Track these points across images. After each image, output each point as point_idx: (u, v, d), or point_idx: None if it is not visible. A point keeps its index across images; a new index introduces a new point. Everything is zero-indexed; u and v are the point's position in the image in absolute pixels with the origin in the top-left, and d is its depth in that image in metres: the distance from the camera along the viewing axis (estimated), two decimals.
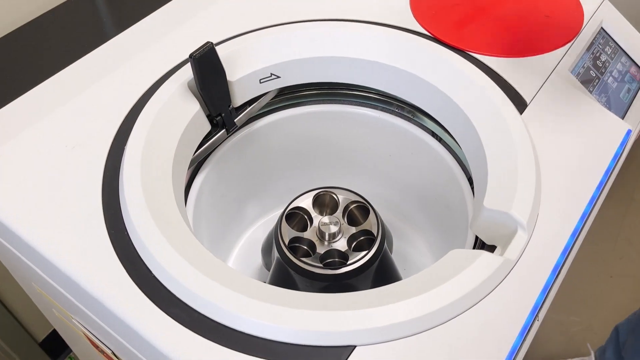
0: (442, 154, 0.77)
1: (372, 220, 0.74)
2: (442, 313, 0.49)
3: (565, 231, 0.56)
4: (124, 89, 0.69)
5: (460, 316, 0.49)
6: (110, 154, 0.62)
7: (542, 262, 0.54)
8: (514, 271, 0.52)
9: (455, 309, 0.49)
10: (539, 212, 0.57)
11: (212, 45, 0.65)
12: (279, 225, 0.74)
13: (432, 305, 0.48)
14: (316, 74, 0.76)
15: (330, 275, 0.69)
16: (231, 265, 0.89)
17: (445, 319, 0.49)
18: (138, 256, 0.53)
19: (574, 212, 0.57)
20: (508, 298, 0.51)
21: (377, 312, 0.48)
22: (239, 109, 0.74)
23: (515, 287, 0.52)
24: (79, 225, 0.55)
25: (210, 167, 0.76)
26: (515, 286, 0.52)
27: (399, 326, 0.48)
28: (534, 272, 0.53)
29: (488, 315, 0.50)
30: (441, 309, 0.48)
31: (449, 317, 0.49)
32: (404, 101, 0.79)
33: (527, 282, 0.52)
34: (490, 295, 0.51)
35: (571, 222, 0.56)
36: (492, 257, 0.52)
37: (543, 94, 0.68)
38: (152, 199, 0.57)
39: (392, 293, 0.50)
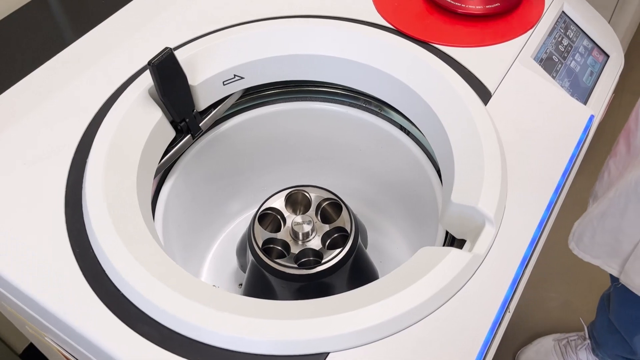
0: (411, 147, 0.77)
1: (345, 217, 0.74)
2: (413, 313, 0.49)
3: (532, 222, 0.56)
4: (83, 100, 0.67)
5: (432, 315, 0.50)
6: (72, 168, 0.61)
7: (510, 255, 0.54)
8: (483, 266, 0.53)
9: (426, 308, 0.49)
10: (505, 204, 0.57)
11: (171, 51, 0.63)
12: (252, 227, 0.74)
13: (403, 306, 0.48)
14: (281, 73, 0.75)
15: (304, 275, 0.69)
16: (206, 269, 0.88)
17: (417, 319, 0.49)
18: (105, 274, 0.52)
19: (540, 203, 0.58)
20: (478, 293, 0.51)
21: (348, 317, 0.48)
22: (204, 113, 0.73)
23: (485, 282, 0.52)
24: (42, 245, 0.54)
25: (177, 174, 0.75)
26: (485, 281, 0.52)
27: (371, 329, 0.48)
28: (502, 265, 0.53)
29: (459, 311, 0.50)
30: (412, 309, 0.49)
31: (421, 317, 0.49)
32: (370, 95, 0.78)
33: (497, 276, 0.53)
34: (460, 291, 0.51)
35: (538, 213, 0.57)
36: (460, 254, 0.52)
37: (506, 82, 0.68)
38: (116, 213, 0.56)
39: (363, 296, 0.50)
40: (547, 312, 1.35)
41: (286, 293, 0.73)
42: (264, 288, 0.74)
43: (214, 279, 0.86)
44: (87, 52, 0.74)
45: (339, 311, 0.48)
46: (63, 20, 0.83)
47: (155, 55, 0.62)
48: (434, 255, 0.53)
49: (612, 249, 0.80)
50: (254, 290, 0.76)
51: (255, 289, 0.76)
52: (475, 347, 0.49)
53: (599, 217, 0.79)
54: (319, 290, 0.72)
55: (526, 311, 1.34)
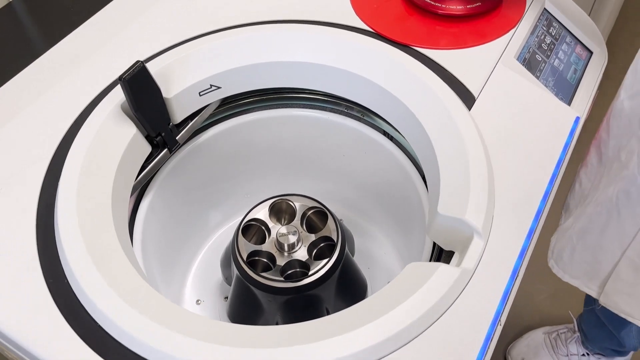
0: (395, 152, 0.75)
1: (331, 225, 0.72)
2: (405, 333, 0.47)
3: (521, 232, 0.55)
4: (52, 118, 0.64)
5: (424, 333, 0.48)
6: (43, 192, 0.58)
7: (500, 267, 0.53)
8: (473, 280, 0.52)
9: (418, 327, 0.48)
10: (493, 214, 0.56)
11: (143, 64, 0.61)
12: (236, 239, 0.72)
13: (395, 327, 0.47)
14: (258, 81, 0.72)
15: (291, 288, 0.68)
16: (190, 283, 0.86)
17: (410, 338, 0.48)
18: (80, 305, 0.50)
19: (529, 211, 0.56)
20: (469, 309, 0.50)
21: (340, 341, 0.46)
22: (180, 125, 0.71)
23: (475, 297, 0.51)
24: (13, 277, 0.52)
25: (155, 190, 0.73)
26: (476, 295, 0.51)
27: (364, 352, 0.46)
28: (492, 278, 0.52)
29: (451, 329, 0.49)
30: (404, 329, 0.47)
31: (413, 336, 0.48)
32: (352, 101, 0.76)
33: (487, 290, 0.51)
34: (451, 307, 0.50)
35: (526, 222, 0.56)
36: (449, 269, 0.51)
37: (490, 85, 0.66)
38: (91, 239, 0.53)
39: (353, 317, 0.49)
40: (536, 305, 1.35)
41: (273, 306, 0.71)
42: (250, 302, 0.72)
43: (199, 293, 0.84)
44: (56, 65, 0.71)
45: (329, 335, 0.47)
46: (32, 31, 0.80)
47: (126, 69, 0.59)
48: (422, 271, 0.51)
49: (592, 268, 0.78)
50: (240, 304, 0.74)
51: (241, 303, 0.74)
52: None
53: (579, 233, 0.78)
54: (307, 303, 0.70)
55: (515, 305, 1.33)
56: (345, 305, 0.77)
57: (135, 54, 0.70)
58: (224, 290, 0.85)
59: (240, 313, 0.75)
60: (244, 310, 0.74)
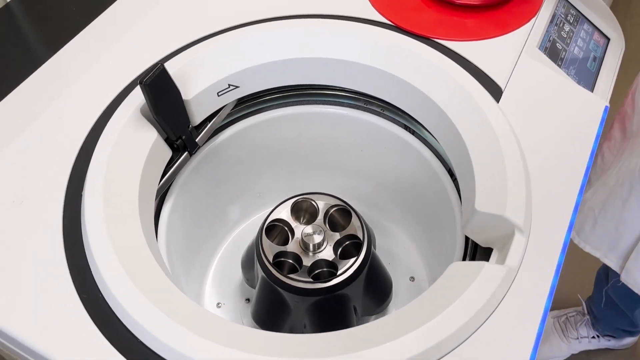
0: (417, 146, 0.74)
1: (356, 223, 0.71)
2: (455, 337, 0.47)
3: (562, 226, 0.54)
4: (68, 126, 0.62)
5: (473, 336, 0.47)
6: (67, 204, 0.56)
7: (544, 263, 0.52)
8: (518, 277, 0.51)
9: (468, 330, 0.47)
10: (532, 209, 0.55)
11: (163, 67, 0.59)
12: (260, 241, 0.70)
13: (444, 331, 0.46)
14: (276, 78, 0.71)
15: (322, 288, 0.66)
16: (209, 285, 0.85)
17: (459, 342, 0.47)
18: (119, 321, 0.48)
19: (567, 204, 0.56)
20: (517, 307, 0.49)
21: (392, 347, 0.45)
22: (199, 127, 0.69)
23: (522, 294, 0.50)
24: (45, 295, 0.50)
25: (175, 194, 0.71)
26: (522, 293, 0.50)
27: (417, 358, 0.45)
28: (538, 274, 0.51)
29: (500, 329, 0.48)
30: (454, 332, 0.46)
31: (463, 339, 0.47)
32: (371, 95, 0.75)
33: (533, 286, 0.51)
34: (499, 307, 0.49)
35: (566, 215, 0.55)
36: (495, 268, 0.50)
37: (516, 76, 0.65)
38: (123, 250, 0.52)
39: (401, 322, 0.48)
40: None
41: (301, 307, 0.70)
42: (277, 304, 0.71)
43: (219, 296, 0.83)
44: (64, 70, 0.68)
45: (380, 342, 0.46)
46: (32, 35, 0.76)
47: (145, 72, 0.57)
48: (467, 271, 0.51)
49: (614, 240, 0.79)
50: (266, 307, 0.73)
51: (267, 306, 0.73)
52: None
53: (600, 205, 0.78)
54: (336, 302, 0.69)
55: None
56: (373, 302, 0.77)
57: (146, 55, 0.68)
58: (244, 291, 0.83)
59: (266, 316, 0.73)
60: (270, 313, 0.73)
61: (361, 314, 0.75)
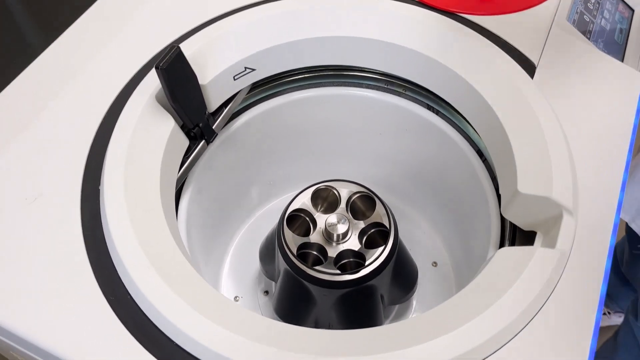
0: (442, 127, 0.71)
1: (381, 211, 0.68)
2: (513, 326, 0.44)
3: (610, 206, 0.52)
4: (78, 116, 0.58)
5: (531, 323, 0.45)
6: (84, 199, 0.52)
7: (596, 245, 0.50)
8: (570, 262, 0.48)
9: (525, 318, 0.45)
10: (578, 189, 0.52)
11: (179, 49, 0.54)
12: (282, 232, 0.67)
13: (503, 320, 0.44)
14: (294, 60, 0.67)
15: (351, 280, 0.63)
16: (225, 277, 0.81)
17: (517, 330, 0.45)
18: (151, 324, 0.45)
19: (614, 183, 0.53)
20: (572, 292, 0.47)
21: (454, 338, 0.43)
22: (214, 114, 0.65)
23: (575, 279, 0.48)
24: (70, 299, 0.46)
25: (192, 185, 0.67)
26: (576, 277, 0.48)
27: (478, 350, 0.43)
28: (590, 257, 0.49)
29: (557, 316, 0.46)
30: (513, 321, 0.44)
31: (520, 328, 0.45)
32: (393, 76, 0.72)
33: (587, 270, 0.48)
34: (553, 294, 0.47)
35: (614, 195, 0.53)
36: (548, 253, 0.47)
37: (548, 50, 0.63)
38: (150, 247, 0.48)
39: (457, 311, 0.45)
40: None
41: (328, 299, 0.67)
42: (301, 297, 0.68)
43: (236, 289, 0.80)
44: (68, 57, 0.64)
45: (439, 332, 0.43)
46: (27, 22, 0.71)
47: (161, 56, 0.53)
48: (518, 256, 0.48)
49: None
50: (291, 300, 0.70)
51: (291, 300, 0.70)
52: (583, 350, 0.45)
53: (629, 168, 0.76)
54: (364, 294, 0.66)
55: None
56: (400, 290, 0.74)
57: (156, 38, 0.64)
58: (261, 283, 0.80)
59: (291, 309, 0.70)
60: (295, 307, 0.70)
61: (388, 303, 0.73)
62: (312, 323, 0.71)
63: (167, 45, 0.63)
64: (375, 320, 0.70)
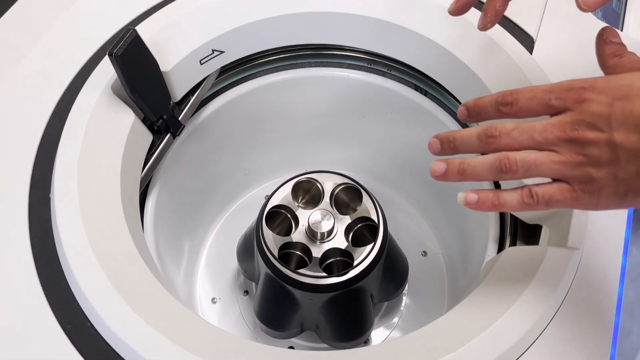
0: (430, 108, 0.65)
1: (368, 204, 0.62)
2: (533, 330, 0.40)
3: None
4: (20, 115, 0.50)
5: (551, 325, 0.41)
6: (32, 211, 0.45)
7: (609, 240, 0.45)
8: (584, 259, 0.44)
9: (543, 321, 0.41)
10: None
11: (136, 32, 0.47)
12: (261, 232, 0.61)
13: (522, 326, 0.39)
14: (266, 40, 0.60)
15: (339, 283, 0.58)
16: (200, 277, 0.75)
17: (537, 335, 0.40)
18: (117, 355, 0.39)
19: None
20: (588, 292, 0.43)
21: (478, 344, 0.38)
22: (180, 103, 0.58)
23: (591, 277, 0.43)
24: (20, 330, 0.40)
25: (159, 182, 0.60)
26: (591, 276, 0.43)
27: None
28: (604, 255, 0.45)
29: (576, 317, 0.41)
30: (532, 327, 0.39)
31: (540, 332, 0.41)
32: (376, 54, 0.65)
33: (602, 267, 0.44)
34: (568, 294, 0.42)
35: None
36: (559, 252, 0.43)
37: (546, 23, 0.57)
38: (111, 264, 0.42)
39: (470, 318, 0.40)
40: None
41: (313, 304, 0.62)
42: (284, 302, 0.62)
43: (213, 290, 0.74)
44: (5, 44, 0.56)
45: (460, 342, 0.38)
46: None
47: (113, 40, 0.46)
48: (527, 256, 0.43)
49: None
50: (272, 305, 0.64)
51: (273, 304, 0.64)
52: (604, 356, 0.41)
53: None
54: (353, 295, 0.61)
55: None
56: (390, 286, 0.69)
57: (108, 20, 0.56)
58: (240, 283, 0.75)
59: (273, 315, 0.65)
60: (278, 311, 0.65)
61: (378, 301, 0.68)
62: (297, 327, 0.66)
63: (122, 28, 0.56)
64: (365, 320, 0.65)
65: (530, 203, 0.35)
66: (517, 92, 0.35)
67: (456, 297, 0.68)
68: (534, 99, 0.35)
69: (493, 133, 0.35)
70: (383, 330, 0.72)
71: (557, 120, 0.34)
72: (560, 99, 0.34)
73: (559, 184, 0.34)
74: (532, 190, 0.35)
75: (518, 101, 0.35)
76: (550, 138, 0.34)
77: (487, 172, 0.35)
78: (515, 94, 0.35)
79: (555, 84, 0.35)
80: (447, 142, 0.38)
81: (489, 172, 0.35)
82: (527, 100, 0.35)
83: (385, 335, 0.72)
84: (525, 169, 0.34)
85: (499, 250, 0.54)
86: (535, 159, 0.34)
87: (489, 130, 0.35)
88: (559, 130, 0.33)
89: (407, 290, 0.75)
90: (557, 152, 0.34)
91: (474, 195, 0.36)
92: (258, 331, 0.71)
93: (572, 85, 0.34)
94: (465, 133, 0.37)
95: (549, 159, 0.34)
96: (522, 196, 0.35)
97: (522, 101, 0.35)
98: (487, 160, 0.35)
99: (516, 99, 0.35)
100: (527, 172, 0.34)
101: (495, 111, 0.36)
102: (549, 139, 0.34)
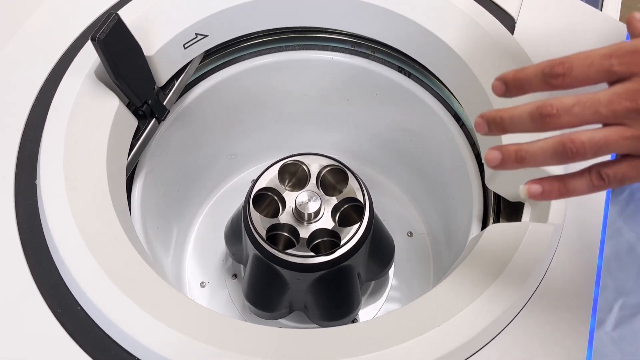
0: (415, 90, 0.66)
1: (354, 185, 0.63)
2: (516, 304, 0.41)
3: None
4: (3, 102, 0.50)
5: (532, 300, 0.42)
6: (18, 197, 0.45)
7: (589, 216, 0.47)
8: (564, 235, 0.45)
9: (525, 295, 0.42)
10: None
11: (119, 16, 0.47)
12: (248, 214, 0.61)
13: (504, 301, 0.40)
14: (251, 23, 0.60)
15: (326, 262, 0.59)
16: (189, 261, 0.76)
17: (519, 309, 0.42)
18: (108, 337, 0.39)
19: None
20: (567, 267, 0.44)
21: (462, 320, 0.39)
22: (165, 88, 0.58)
23: (570, 253, 0.45)
24: (10, 316, 0.40)
25: (146, 167, 0.60)
26: (570, 251, 0.45)
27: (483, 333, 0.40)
28: (584, 229, 0.46)
29: (556, 292, 0.43)
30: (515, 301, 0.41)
31: (522, 306, 0.42)
32: (360, 36, 0.66)
33: (581, 243, 0.45)
34: (549, 270, 0.44)
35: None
36: (541, 227, 0.44)
37: (528, 2, 0.58)
38: (99, 248, 0.42)
39: (457, 293, 0.41)
40: None
41: (302, 284, 0.63)
42: (273, 282, 0.63)
43: (202, 274, 0.74)
44: None
45: (445, 317, 0.39)
46: None
47: (96, 24, 0.46)
48: (509, 232, 0.44)
49: None
50: (261, 286, 0.65)
51: (262, 285, 0.65)
52: (583, 327, 0.42)
53: None
54: (340, 274, 0.62)
55: None
56: (377, 265, 0.70)
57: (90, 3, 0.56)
58: (228, 266, 0.75)
59: (262, 296, 0.66)
60: (266, 293, 0.65)
61: (365, 280, 0.69)
62: (285, 307, 0.67)
63: (104, 12, 0.55)
64: (353, 299, 0.66)
65: (602, 185, 0.31)
66: (569, 60, 0.31)
67: (441, 276, 0.70)
68: (591, 66, 0.30)
69: (550, 112, 0.31)
70: (370, 309, 0.73)
71: (623, 89, 0.30)
72: (624, 64, 0.30)
73: (630, 160, 0.31)
74: (602, 171, 0.31)
75: (572, 70, 0.31)
76: (619, 110, 0.30)
77: (550, 157, 0.31)
78: (568, 62, 0.31)
79: (614, 47, 0.31)
80: (494, 123, 0.33)
81: (551, 157, 0.31)
82: (584, 69, 0.31)
83: (373, 314, 0.73)
84: (595, 151, 0.30)
85: (482, 228, 0.55)
86: (606, 138, 0.30)
87: (544, 108, 0.31)
88: (629, 101, 0.29)
89: (393, 270, 0.76)
90: (627, 126, 0.30)
91: (537, 186, 0.33)
92: (247, 314, 0.72)
93: (636, 47, 0.30)
94: (516, 112, 0.32)
95: (620, 135, 0.30)
96: (592, 179, 0.32)
97: (578, 70, 0.31)
98: (548, 145, 0.31)
99: (569, 69, 0.31)
100: (596, 154, 0.30)
101: (542, 83, 0.32)
102: (618, 112, 0.30)
